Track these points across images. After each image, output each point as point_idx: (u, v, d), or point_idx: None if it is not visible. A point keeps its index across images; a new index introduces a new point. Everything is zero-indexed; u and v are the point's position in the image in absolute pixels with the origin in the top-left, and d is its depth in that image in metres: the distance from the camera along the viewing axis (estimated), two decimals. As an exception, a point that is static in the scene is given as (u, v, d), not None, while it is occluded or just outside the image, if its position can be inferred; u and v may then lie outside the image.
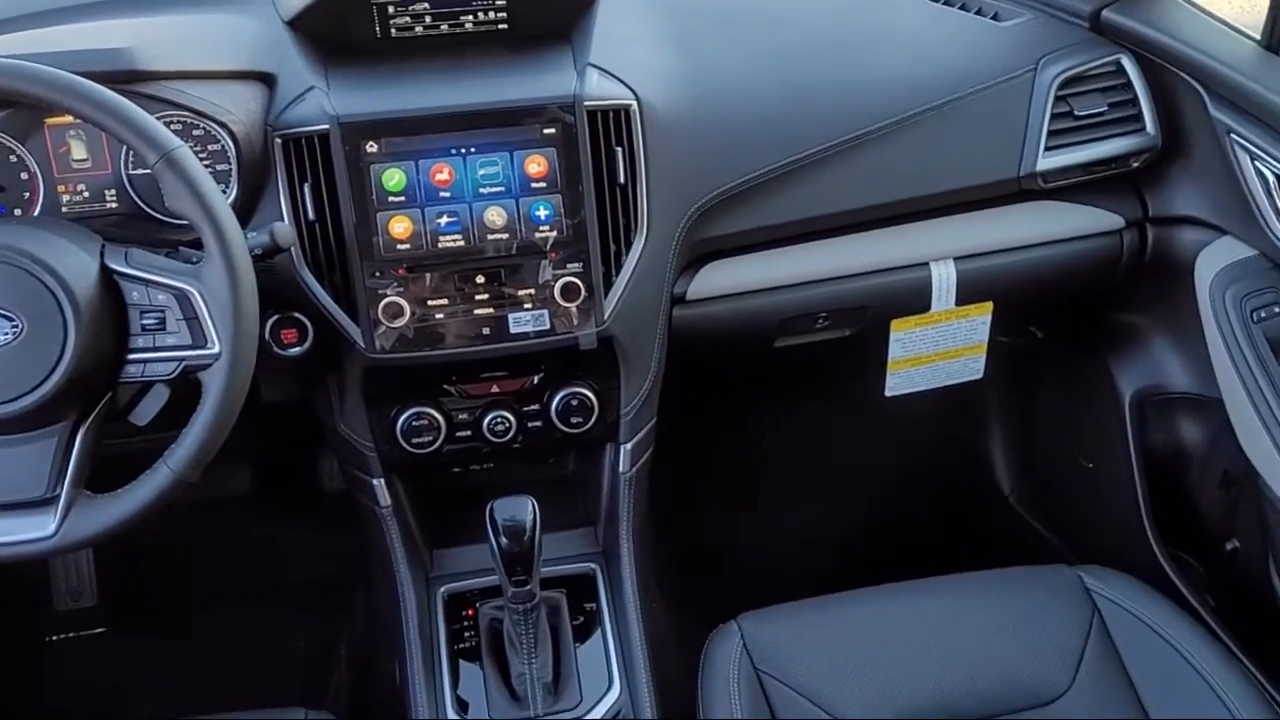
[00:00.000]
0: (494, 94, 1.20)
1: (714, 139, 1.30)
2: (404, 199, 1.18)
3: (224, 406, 1.00)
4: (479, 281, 1.20)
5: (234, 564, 1.81)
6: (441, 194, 1.18)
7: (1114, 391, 1.60)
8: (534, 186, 1.20)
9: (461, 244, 1.19)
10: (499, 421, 1.29)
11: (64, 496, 1.00)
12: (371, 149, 1.17)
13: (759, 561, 1.85)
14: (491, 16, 1.27)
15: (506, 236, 1.20)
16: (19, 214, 1.16)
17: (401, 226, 1.18)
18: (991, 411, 1.95)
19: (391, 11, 1.24)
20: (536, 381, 1.30)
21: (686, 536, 1.76)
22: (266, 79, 1.21)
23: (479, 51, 1.27)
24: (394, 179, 1.17)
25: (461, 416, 1.29)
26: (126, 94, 1.03)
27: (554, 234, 1.20)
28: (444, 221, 1.19)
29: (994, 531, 1.95)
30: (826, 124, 1.33)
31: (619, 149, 1.22)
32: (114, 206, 1.18)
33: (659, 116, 1.25)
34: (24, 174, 1.16)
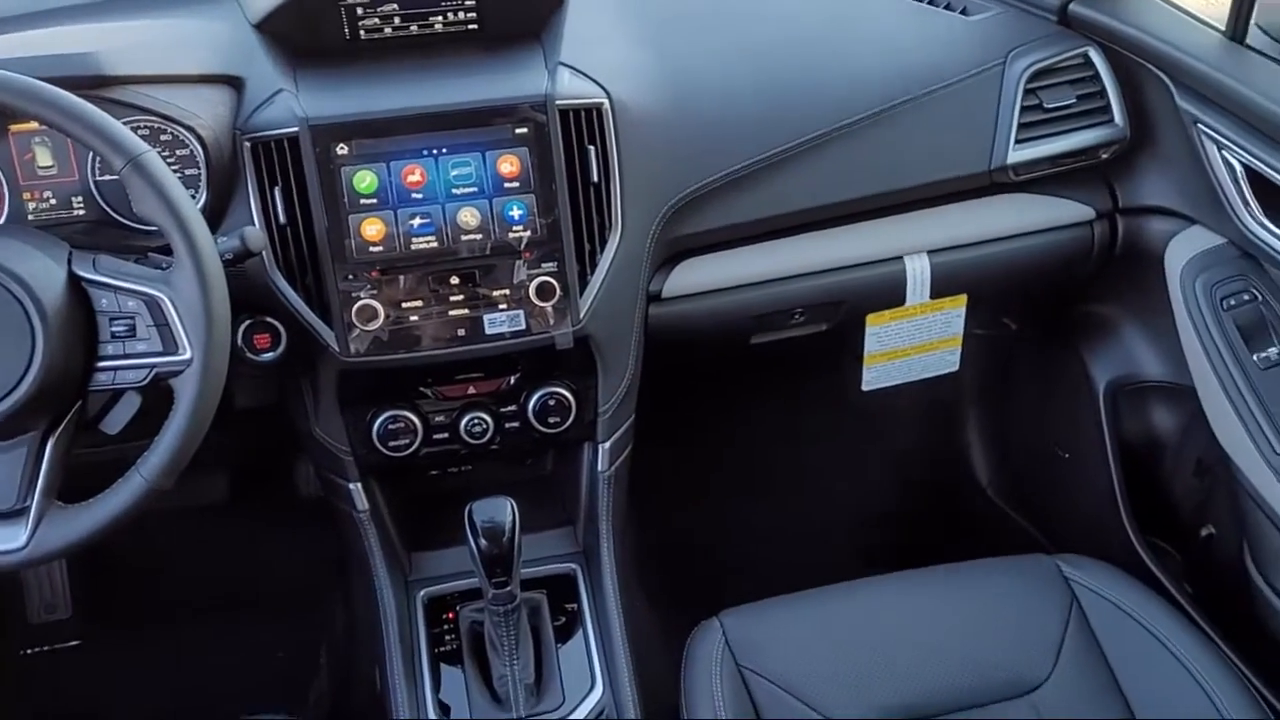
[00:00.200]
0: (465, 94, 1.20)
1: (687, 136, 1.30)
2: (376, 201, 1.17)
3: (197, 413, 0.99)
4: (453, 283, 1.19)
5: (210, 573, 1.79)
6: (414, 195, 1.18)
7: (1088, 381, 1.61)
8: (507, 186, 1.19)
9: (435, 245, 1.18)
10: (476, 423, 1.28)
11: (34, 507, 0.99)
12: (342, 151, 1.16)
13: (739, 557, 1.85)
14: (461, 17, 1.26)
15: (480, 237, 1.19)
16: None
17: (374, 229, 1.17)
18: (967, 404, 1.96)
19: (360, 13, 1.23)
20: (513, 382, 1.29)
21: (666, 534, 1.76)
22: (234, 82, 1.20)
23: (449, 52, 1.26)
24: (365, 181, 1.16)
25: (438, 419, 1.28)
26: (92, 99, 1.02)
27: (528, 234, 1.20)
28: (417, 223, 1.18)
29: (972, 523, 1.96)
30: (799, 120, 1.33)
31: (592, 147, 1.22)
32: (81, 213, 1.17)
33: (631, 114, 1.25)
34: None
